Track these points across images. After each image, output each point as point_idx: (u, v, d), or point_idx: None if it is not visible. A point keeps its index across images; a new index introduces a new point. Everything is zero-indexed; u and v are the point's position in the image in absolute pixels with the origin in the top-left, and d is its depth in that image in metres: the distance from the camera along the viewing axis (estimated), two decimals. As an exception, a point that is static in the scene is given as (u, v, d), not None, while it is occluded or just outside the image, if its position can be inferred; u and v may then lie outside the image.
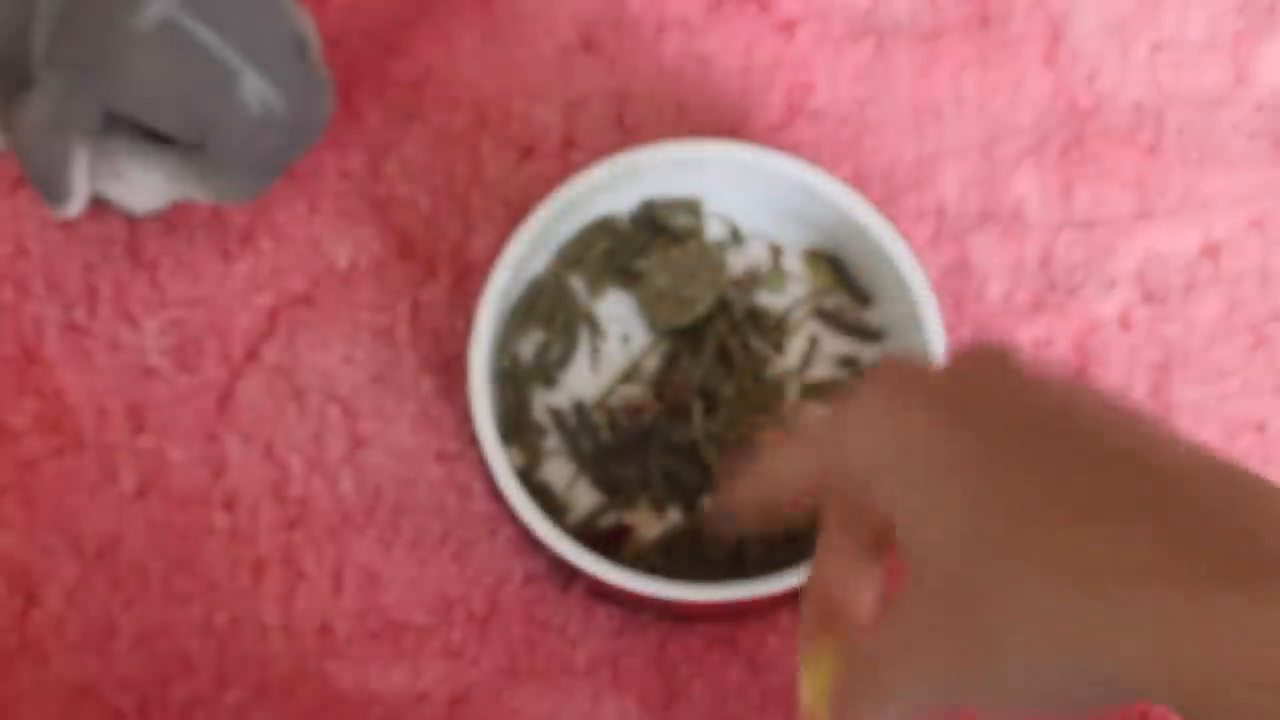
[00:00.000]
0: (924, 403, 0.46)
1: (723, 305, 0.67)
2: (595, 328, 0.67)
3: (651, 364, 0.66)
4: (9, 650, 0.65)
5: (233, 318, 0.67)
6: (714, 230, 0.68)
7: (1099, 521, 0.42)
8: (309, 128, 0.61)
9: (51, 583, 0.65)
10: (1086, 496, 0.43)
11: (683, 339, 0.66)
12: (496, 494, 0.66)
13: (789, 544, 0.65)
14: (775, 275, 0.67)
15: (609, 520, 0.65)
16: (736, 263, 0.68)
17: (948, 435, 0.45)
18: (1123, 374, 0.69)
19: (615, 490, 0.65)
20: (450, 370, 0.67)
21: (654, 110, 0.70)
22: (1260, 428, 0.69)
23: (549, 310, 0.66)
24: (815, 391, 0.66)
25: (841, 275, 0.67)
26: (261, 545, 0.66)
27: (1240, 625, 0.39)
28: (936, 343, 0.64)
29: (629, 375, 0.66)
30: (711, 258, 0.67)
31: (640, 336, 0.67)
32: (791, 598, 0.65)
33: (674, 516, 0.65)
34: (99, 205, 0.67)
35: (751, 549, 0.65)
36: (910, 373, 0.48)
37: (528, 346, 0.66)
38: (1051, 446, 0.44)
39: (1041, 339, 0.69)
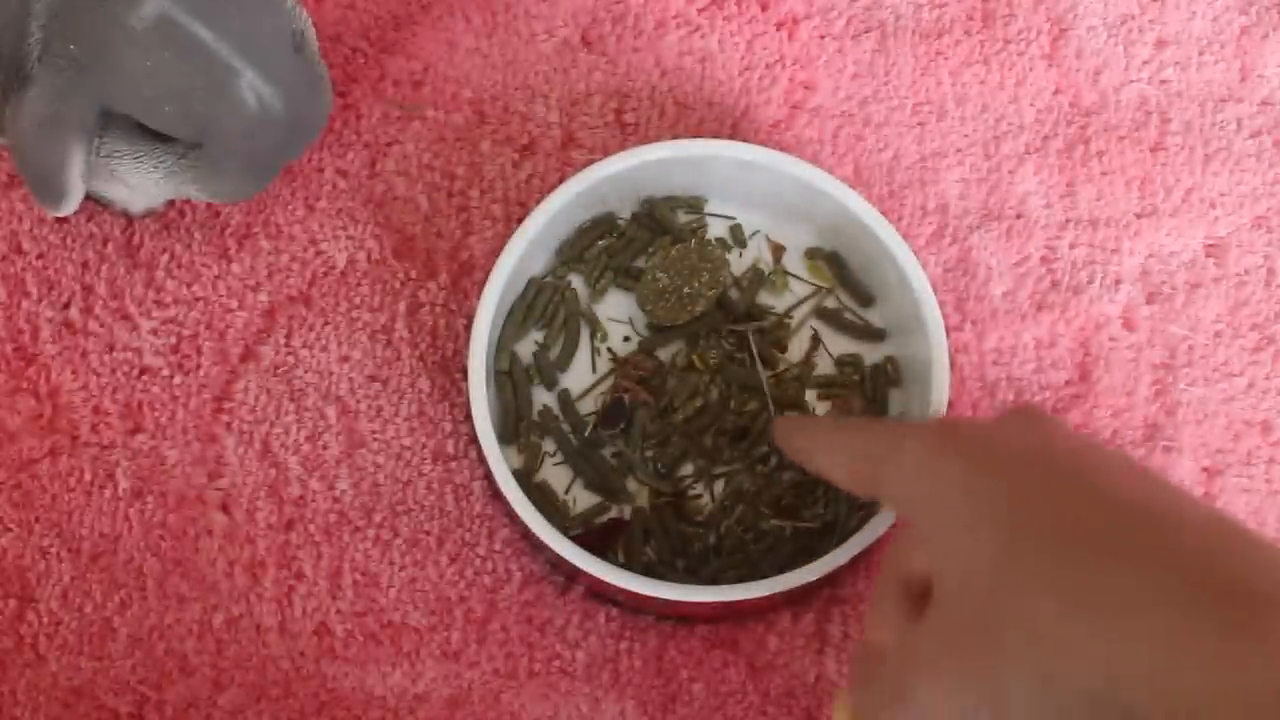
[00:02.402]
0: (963, 450, 0.52)
1: (723, 304, 0.66)
2: (595, 328, 0.66)
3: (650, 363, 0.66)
4: (4, 652, 0.64)
5: (230, 317, 0.67)
6: (715, 229, 0.68)
7: (1108, 558, 0.47)
8: (307, 126, 0.61)
9: (47, 584, 0.65)
10: (1099, 537, 0.48)
11: (682, 338, 0.66)
12: (495, 495, 0.65)
13: (789, 543, 0.64)
14: (776, 274, 0.67)
15: (606, 519, 0.65)
16: (737, 262, 0.67)
17: (980, 478, 0.51)
18: (1127, 374, 0.68)
19: (602, 478, 0.65)
20: (449, 370, 0.67)
21: (654, 108, 0.70)
22: (1265, 427, 0.68)
23: (549, 310, 0.66)
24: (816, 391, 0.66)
25: (843, 274, 0.67)
26: (259, 546, 0.65)
27: (1219, 652, 0.44)
28: (938, 342, 0.63)
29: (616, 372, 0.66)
30: (712, 256, 0.66)
31: (640, 336, 0.66)
32: (791, 598, 0.65)
33: (662, 492, 0.65)
34: (95, 204, 0.67)
35: (750, 547, 0.64)
36: (954, 424, 0.54)
37: (528, 346, 0.66)
38: (1070, 493, 0.50)
39: (1044, 339, 0.68)
